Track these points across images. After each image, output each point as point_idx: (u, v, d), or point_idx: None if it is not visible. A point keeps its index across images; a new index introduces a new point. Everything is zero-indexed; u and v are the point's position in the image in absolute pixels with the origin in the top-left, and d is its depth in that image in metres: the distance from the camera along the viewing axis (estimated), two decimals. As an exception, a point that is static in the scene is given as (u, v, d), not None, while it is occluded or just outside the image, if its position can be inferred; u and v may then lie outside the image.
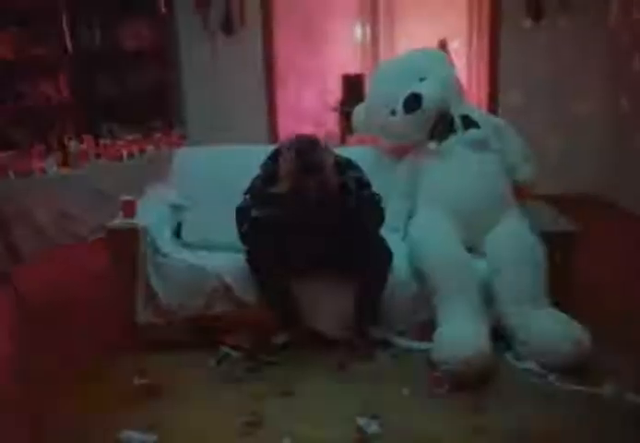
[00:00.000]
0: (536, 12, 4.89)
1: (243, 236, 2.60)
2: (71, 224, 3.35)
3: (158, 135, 4.17)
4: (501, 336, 2.50)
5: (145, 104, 4.84)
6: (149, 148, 4.04)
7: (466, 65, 5.11)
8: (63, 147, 3.48)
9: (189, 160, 3.21)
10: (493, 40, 4.97)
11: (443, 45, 4.37)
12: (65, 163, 3.45)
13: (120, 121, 4.91)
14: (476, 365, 2.29)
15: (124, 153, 3.78)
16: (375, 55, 5.10)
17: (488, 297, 2.55)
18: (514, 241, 2.59)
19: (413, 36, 4.93)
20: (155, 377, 2.40)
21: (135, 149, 3.91)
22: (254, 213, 2.52)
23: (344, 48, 5.23)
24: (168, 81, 4.91)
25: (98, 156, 3.79)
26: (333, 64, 5.21)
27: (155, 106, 4.85)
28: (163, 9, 4.75)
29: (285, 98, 5.26)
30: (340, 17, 5.22)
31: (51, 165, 3.34)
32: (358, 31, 5.19)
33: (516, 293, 2.49)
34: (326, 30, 5.27)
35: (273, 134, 5.17)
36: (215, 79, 5.08)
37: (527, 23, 4.93)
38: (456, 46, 5.05)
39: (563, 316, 2.43)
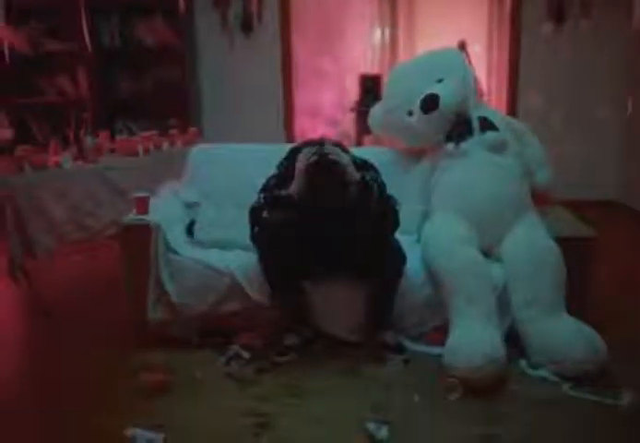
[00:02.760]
0: (557, 15, 4.83)
1: (255, 237, 2.58)
2: (85, 219, 3.34)
3: (174, 131, 4.15)
4: (515, 342, 2.45)
5: (162, 102, 4.84)
6: (165, 144, 4.02)
7: (486, 68, 5.06)
8: (78, 141, 3.47)
9: (204, 157, 3.20)
10: (514, 43, 4.92)
11: (462, 47, 4.33)
12: (80, 158, 3.44)
13: (136, 118, 4.93)
14: (489, 372, 2.24)
15: (140, 149, 3.76)
16: (394, 56, 5.07)
17: (503, 302, 2.51)
18: (531, 246, 2.54)
19: (433, 37, 4.89)
20: (164, 374, 2.38)
21: (150, 145, 3.89)
22: (265, 215, 2.49)
23: (362, 48, 5.21)
24: (185, 79, 4.89)
25: (113, 151, 3.78)
26: (351, 64, 5.19)
27: (172, 104, 4.83)
28: (182, 7, 4.73)
29: (302, 97, 5.24)
30: (359, 17, 5.20)
31: (66, 159, 3.33)
32: (377, 32, 5.16)
33: (532, 299, 2.44)
34: (345, 30, 5.25)
35: (289, 133, 5.15)
36: (232, 78, 5.08)
37: (549, 26, 4.87)
38: (476, 50, 5.01)
39: (580, 323, 2.38)
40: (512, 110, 4.99)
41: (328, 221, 2.44)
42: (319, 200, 2.41)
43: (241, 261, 2.67)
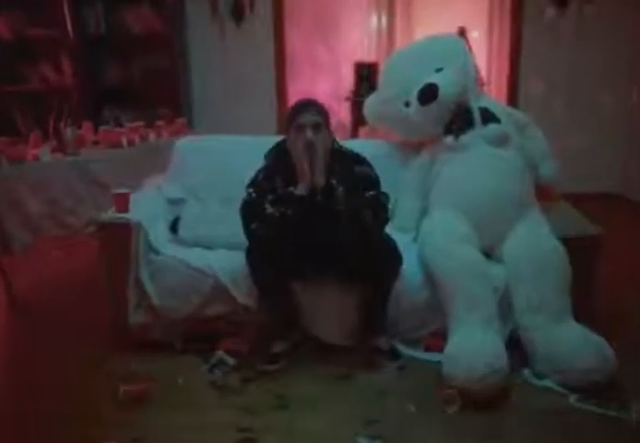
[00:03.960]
0: (560, 0, 4.65)
1: (252, 233, 2.40)
2: (64, 215, 3.18)
3: (161, 122, 3.98)
4: (517, 349, 2.30)
5: (151, 91, 4.66)
6: (151, 136, 3.85)
7: (486, 56, 4.89)
8: (58, 133, 3.30)
9: (190, 150, 3.03)
10: (515, 29, 4.74)
11: (462, 33, 4.15)
12: (59, 150, 3.27)
13: (124, 107, 4.75)
14: (491, 383, 2.10)
15: (124, 141, 3.59)
16: (391, 44, 4.90)
17: (504, 305, 2.36)
18: (533, 247, 2.38)
19: (431, 24, 4.71)
20: (144, 382, 2.24)
21: (135, 137, 3.73)
22: (270, 210, 2.33)
23: (358, 36, 5.03)
24: (174, 68, 4.71)
25: (96, 143, 3.62)
26: (347, 52, 5.02)
27: (161, 93, 4.66)
28: (171, -7, 4.54)
29: (295, 87, 5.06)
30: (355, 3, 5.01)
31: (44, 152, 3.16)
32: (373, 18, 4.98)
33: (536, 304, 2.29)
34: (340, 17, 5.08)
35: (282, 124, 4.97)
36: (223, 67, 4.90)
37: (551, 11, 4.69)
38: (475, 36, 4.83)
39: (587, 330, 2.23)
40: (512, 99, 4.82)
41: (320, 221, 2.32)
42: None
43: (226, 261, 2.51)
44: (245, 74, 4.88)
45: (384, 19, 4.95)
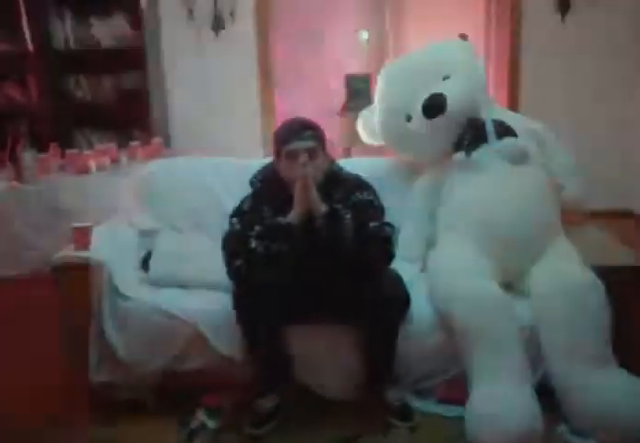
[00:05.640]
0: (561, 5, 4.37)
1: (236, 272, 2.04)
2: (23, 252, 2.81)
3: (134, 144, 3.63)
4: (550, 400, 1.95)
5: (124, 109, 4.30)
6: (124, 159, 3.50)
7: (483, 64, 4.60)
8: (15, 159, 2.94)
9: (163, 174, 2.67)
10: (514, 36, 4.45)
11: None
12: (16, 178, 2.91)
13: (95, 128, 4.40)
14: (523, 447, 1.75)
15: (92, 165, 3.24)
16: (382, 54, 4.59)
17: (532, 346, 2.02)
18: (565, 280, 2.03)
19: (425, 32, 4.43)
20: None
21: (105, 160, 3.38)
22: (254, 245, 1.97)
23: (348, 46, 4.73)
24: (149, 84, 4.35)
25: (62, 168, 3.26)
26: (335, 63, 4.71)
27: (134, 112, 4.30)
28: (143, 4, 4.20)
29: (282, 102, 4.74)
30: (343, 11, 4.72)
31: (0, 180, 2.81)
32: (363, 27, 4.69)
33: (570, 348, 1.96)
34: (328, 27, 4.77)
35: (268, 142, 4.64)
36: (202, 81, 4.53)
37: (552, 18, 4.42)
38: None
39: (634, 378, 1.90)
40: (513, 110, 4.51)
41: (318, 255, 1.98)
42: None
43: (206, 304, 2.15)
44: (227, 88, 4.53)
45: (374, 27, 4.65)
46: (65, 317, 2.14)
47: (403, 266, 2.23)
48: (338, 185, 2.10)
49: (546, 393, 1.96)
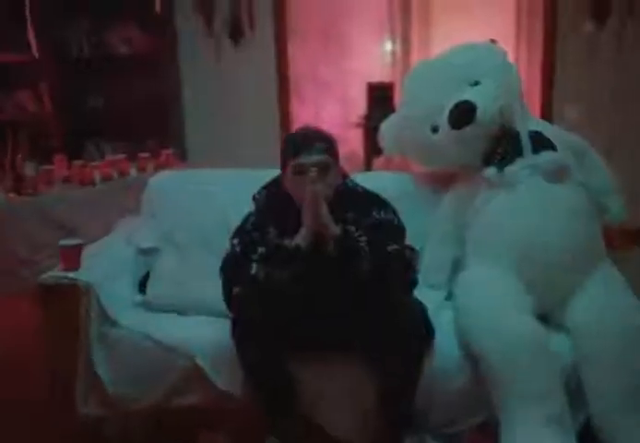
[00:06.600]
0: (599, 12, 4.13)
1: (234, 301, 1.84)
2: (20, 269, 2.64)
3: (144, 155, 3.46)
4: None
5: (140, 119, 4.16)
6: (133, 170, 3.34)
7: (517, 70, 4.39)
8: (15, 169, 2.79)
9: (166, 188, 2.48)
10: (548, 45, 4.22)
11: (493, 46, 3.61)
12: (17, 190, 2.75)
13: (111, 139, 4.28)
14: None
15: (97, 177, 3.07)
16: (407, 63, 4.39)
17: (572, 388, 1.78)
18: (610, 313, 1.80)
19: (451, 43, 4.22)
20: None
21: (113, 172, 3.21)
22: (253, 270, 1.77)
23: (370, 55, 4.54)
24: (165, 93, 4.22)
25: (67, 180, 3.10)
26: (357, 72, 4.52)
27: (151, 121, 4.16)
28: (158, 10, 4.06)
29: (301, 112, 4.57)
30: (366, 18, 4.53)
31: (-2, 192, 2.65)
32: (386, 35, 4.49)
33: (617, 391, 1.72)
34: (350, 35, 4.58)
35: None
36: (220, 91, 4.40)
37: (589, 26, 4.18)
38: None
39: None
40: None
41: (328, 282, 1.79)
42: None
43: (205, 333, 1.95)
44: (245, 98, 4.38)
45: (398, 35, 4.45)
46: (51, 343, 1.94)
47: (426, 293, 2.01)
48: (353, 203, 1.88)
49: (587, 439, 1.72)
